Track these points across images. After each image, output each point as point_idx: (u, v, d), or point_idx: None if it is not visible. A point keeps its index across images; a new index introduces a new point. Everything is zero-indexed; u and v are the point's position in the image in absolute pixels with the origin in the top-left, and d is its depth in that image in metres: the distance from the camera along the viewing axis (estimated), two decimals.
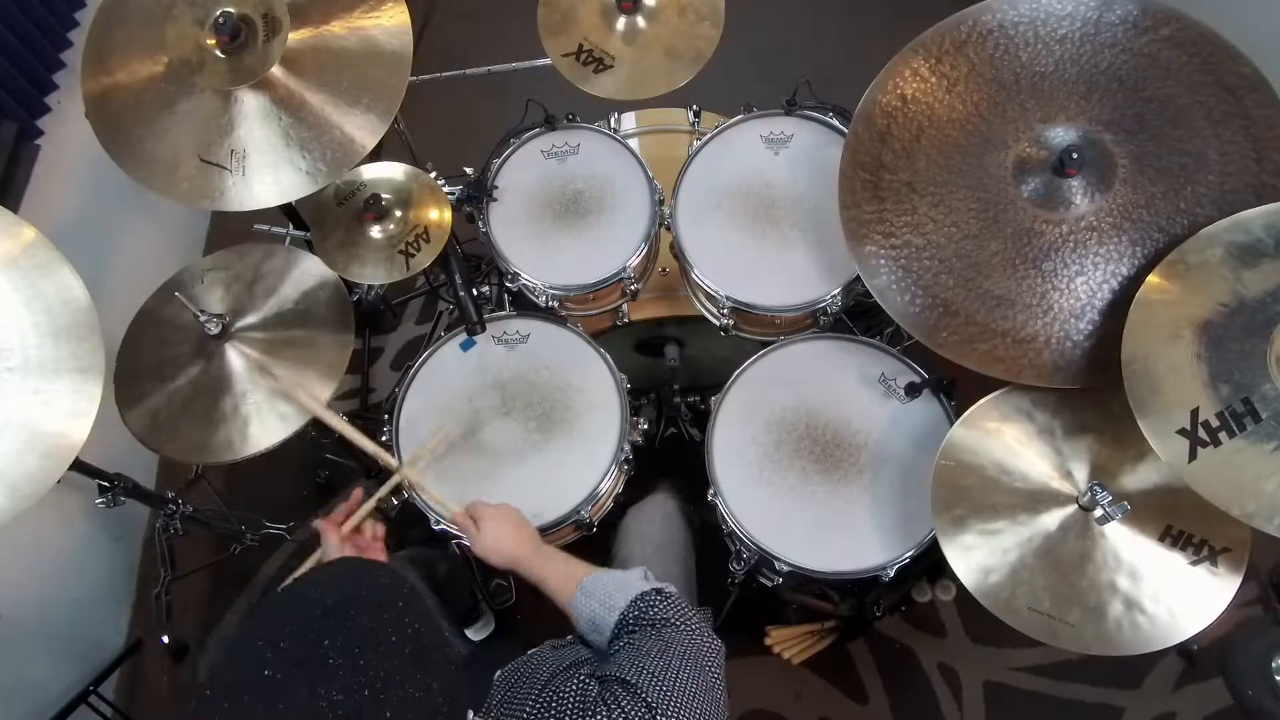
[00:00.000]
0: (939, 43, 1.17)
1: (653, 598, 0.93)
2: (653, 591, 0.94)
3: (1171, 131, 1.07)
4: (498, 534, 1.09)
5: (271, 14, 1.23)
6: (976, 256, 1.11)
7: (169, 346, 1.34)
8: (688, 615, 0.91)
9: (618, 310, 1.53)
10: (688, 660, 0.84)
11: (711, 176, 1.48)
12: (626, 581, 0.97)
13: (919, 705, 1.75)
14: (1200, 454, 0.91)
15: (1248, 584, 1.02)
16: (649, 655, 0.83)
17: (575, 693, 0.80)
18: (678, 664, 0.82)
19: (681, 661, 0.83)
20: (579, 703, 0.79)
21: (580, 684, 0.81)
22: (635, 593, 0.93)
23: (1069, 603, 1.03)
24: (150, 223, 2.17)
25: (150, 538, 1.99)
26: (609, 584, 0.97)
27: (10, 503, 1.02)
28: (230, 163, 1.21)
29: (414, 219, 1.41)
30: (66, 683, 1.70)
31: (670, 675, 0.81)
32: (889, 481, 1.26)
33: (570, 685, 0.81)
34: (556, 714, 0.78)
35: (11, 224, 1.08)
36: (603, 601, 0.95)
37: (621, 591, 0.94)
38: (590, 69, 1.47)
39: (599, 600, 0.95)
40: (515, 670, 0.89)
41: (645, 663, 0.82)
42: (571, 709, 0.78)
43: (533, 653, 0.95)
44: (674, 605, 0.92)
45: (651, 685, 0.79)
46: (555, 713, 0.78)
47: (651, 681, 0.79)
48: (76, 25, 1.91)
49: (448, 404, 1.38)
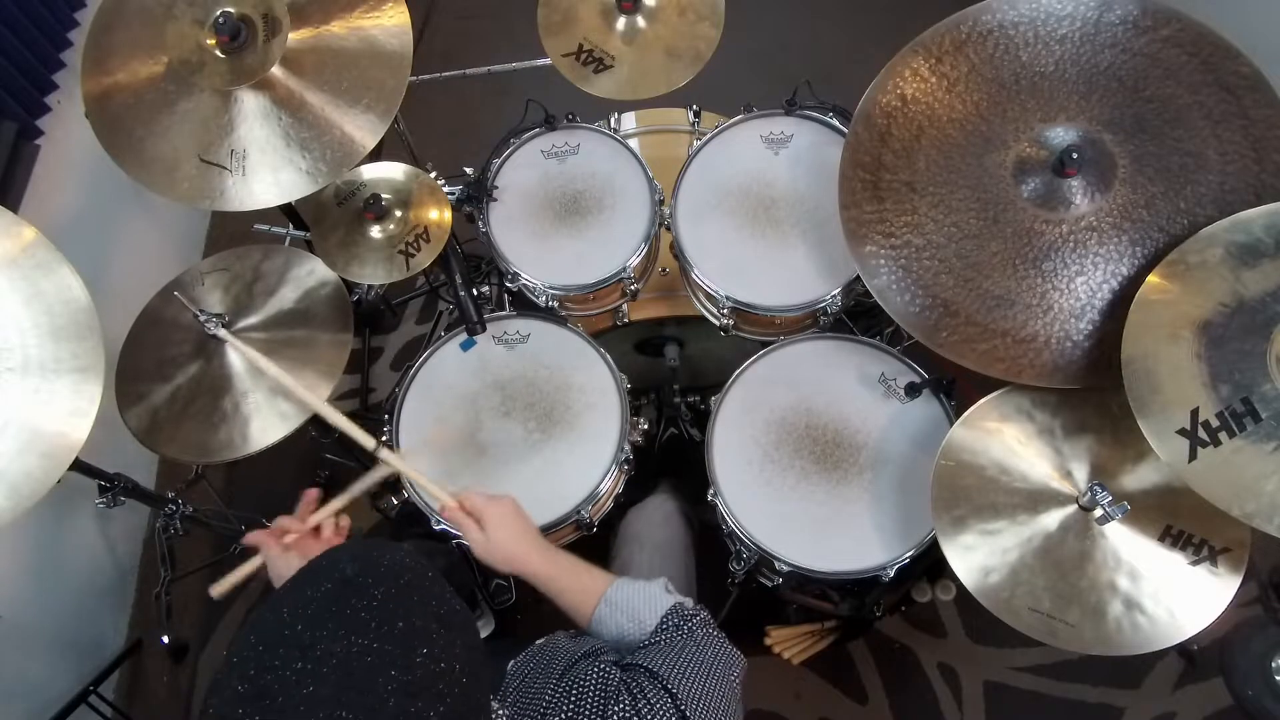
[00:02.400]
0: (939, 43, 1.17)
1: (680, 611, 0.92)
2: (679, 605, 0.93)
3: (1171, 131, 1.07)
4: (499, 537, 1.02)
5: (271, 14, 1.23)
6: (976, 256, 1.11)
7: (169, 346, 1.34)
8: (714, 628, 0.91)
9: (618, 310, 1.53)
10: (715, 664, 0.84)
11: (711, 176, 1.48)
12: (652, 596, 0.95)
13: (919, 705, 1.75)
14: (1200, 454, 0.91)
15: (1248, 584, 1.02)
16: (676, 652, 0.83)
17: (597, 680, 0.79)
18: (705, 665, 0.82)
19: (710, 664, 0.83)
20: (600, 690, 0.78)
21: (601, 671, 0.80)
22: (665, 608, 0.92)
23: (1069, 603, 1.03)
24: (150, 223, 2.17)
25: (150, 538, 1.99)
26: (635, 599, 0.95)
27: (10, 503, 1.02)
28: (230, 163, 1.21)
29: (414, 219, 1.41)
30: (66, 683, 1.70)
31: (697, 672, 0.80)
32: (889, 481, 1.26)
33: (591, 673, 0.80)
34: (577, 701, 0.77)
35: (11, 224, 1.08)
36: (632, 617, 0.93)
37: (645, 607, 0.93)
38: (590, 69, 1.47)
39: (628, 616, 0.93)
40: (529, 659, 0.88)
41: (672, 658, 0.82)
42: (593, 696, 0.77)
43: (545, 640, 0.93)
44: (702, 620, 0.92)
45: (677, 678, 0.78)
46: (576, 700, 0.77)
47: (678, 675, 0.79)
48: (76, 25, 1.91)
49: (448, 404, 1.38)
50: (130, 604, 1.95)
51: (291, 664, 0.54)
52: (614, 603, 0.95)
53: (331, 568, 0.61)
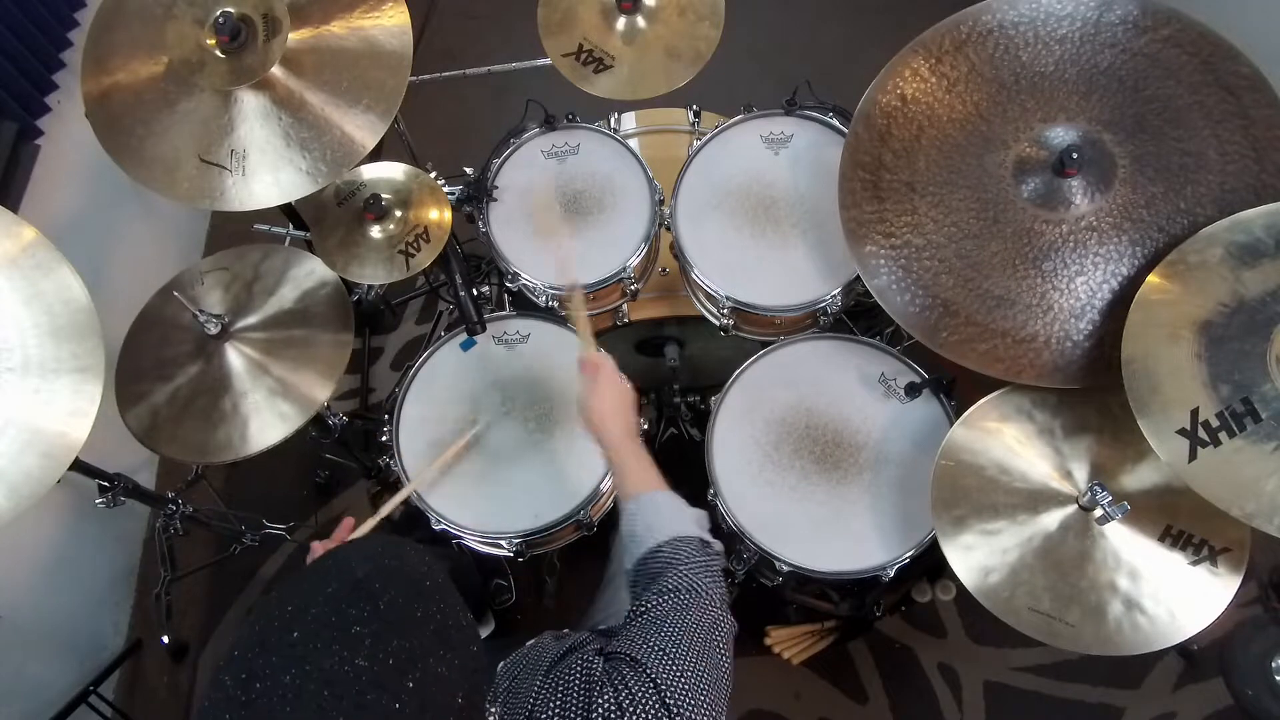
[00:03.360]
0: (939, 43, 1.17)
1: (692, 546, 0.90)
2: (696, 540, 0.92)
3: (1171, 131, 1.07)
4: (609, 398, 1.06)
5: (271, 14, 1.23)
6: (976, 256, 1.11)
7: (169, 346, 1.34)
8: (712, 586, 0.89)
9: (618, 310, 1.53)
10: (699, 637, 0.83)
11: (711, 176, 1.48)
12: (678, 517, 0.95)
13: (919, 705, 1.75)
14: (1200, 454, 0.91)
15: (1248, 584, 1.02)
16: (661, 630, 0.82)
17: (580, 672, 0.79)
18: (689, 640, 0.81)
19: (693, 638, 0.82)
20: (584, 682, 0.78)
21: (585, 663, 0.80)
22: (677, 533, 0.91)
23: (1069, 603, 1.03)
24: (150, 223, 2.17)
25: (150, 538, 1.99)
26: (664, 509, 0.95)
27: (10, 503, 1.02)
28: (230, 163, 1.21)
29: (414, 219, 1.41)
30: (66, 683, 1.70)
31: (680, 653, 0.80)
32: (889, 481, 1.26)
33: (575, 666, 0.80)
34: (562, 696, 0.77)
35: (11, 224, 1.08)
36: (647, 524, 0.93)
37: (668, 524, 0.92)
38: (590, 69, 1.47)
39: (643, 522, 0.93)
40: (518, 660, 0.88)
41: (656, 639, 0.81)
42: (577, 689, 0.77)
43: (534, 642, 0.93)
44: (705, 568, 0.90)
45: (660, 663, 0.78)
46: (561, 695, 0.78)
47: (660, 659, 0.79)
48: (77, 25, 1.91)
49: (448, 404, 1.38)
50: (130, 604, 1.95)
51: (281, 675, 0.55)
52: (643, 504, 0.95)
53: (342, 567, 0.62)
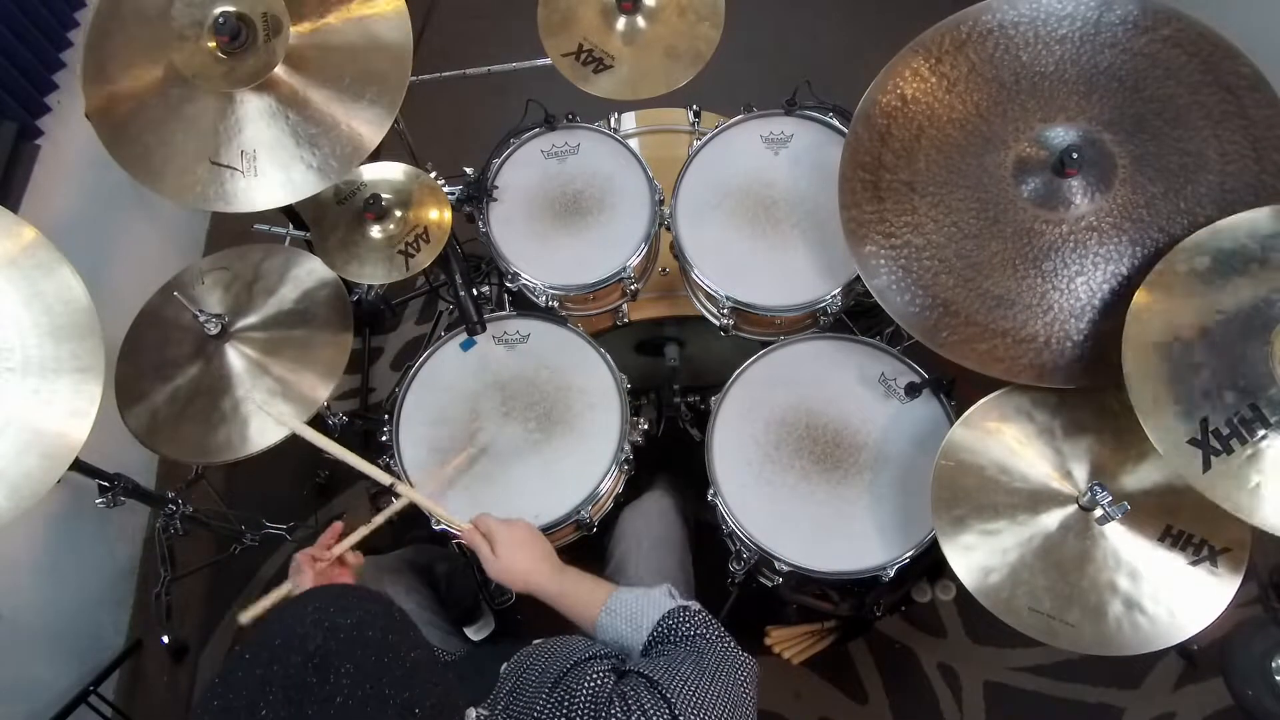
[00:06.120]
0: (939, 43, 1.17)
1: (680, 615, 0.92)
2: (680, 609, 0.93)
3: (1171, 131, 1.07)
4: (513, 556, 1.04)
5: (271, 12, 1.22)
6: (976, 256, 1.11)
7: (169, 346, 1.34)
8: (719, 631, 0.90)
9: (618, 310, 1.53)
10: (720, 671, 0.82)
11: (711, 176, 1.48)
12: (652, 599, 0.95)
13: (919, 705, 1.75)
14: (1214, 463, 0.90)
15: (1248, 584, 1.02)
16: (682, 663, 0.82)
17: (589, 689, 0.78)
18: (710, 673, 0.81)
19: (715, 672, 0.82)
20: (592, 699, 0.77)
21: (594, 679, 0.79)
22: (663, 610, 0.92)
23: (1069, 603, 1.02)
24: (150, 223, 2.17)
25: (150, 538, 1.99)
26: (634, 604, 0.95)
27: (10, 503, 1.02)
28: (241, 164, 1.21)
29: (414, 219, 1.41)
30: (66, 683, 1.70)
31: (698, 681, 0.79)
32: (889, 481, 1.26)
33: (584, 681, 0.79)
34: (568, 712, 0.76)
35: (11, 224, 1.08)
36: (629, 621, 0.93)
37: (648, 611, 0.93)
38: (590, 69, 1.47)
39: (625, 620, 0.93)
40: (523, 661, 0.87)
41: (673, 667, 0.80)
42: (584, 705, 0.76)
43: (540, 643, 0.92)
44: (704, 621, 0.91)
45: (676, 685, 0.77)
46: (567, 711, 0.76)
47: (677, 683, 0.78)
48: (76, 25, 1.91)
49: (448, 404, 1.38)
50: (130, 604, 1.95)
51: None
52: (614, 610, 0.95)
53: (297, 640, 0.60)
